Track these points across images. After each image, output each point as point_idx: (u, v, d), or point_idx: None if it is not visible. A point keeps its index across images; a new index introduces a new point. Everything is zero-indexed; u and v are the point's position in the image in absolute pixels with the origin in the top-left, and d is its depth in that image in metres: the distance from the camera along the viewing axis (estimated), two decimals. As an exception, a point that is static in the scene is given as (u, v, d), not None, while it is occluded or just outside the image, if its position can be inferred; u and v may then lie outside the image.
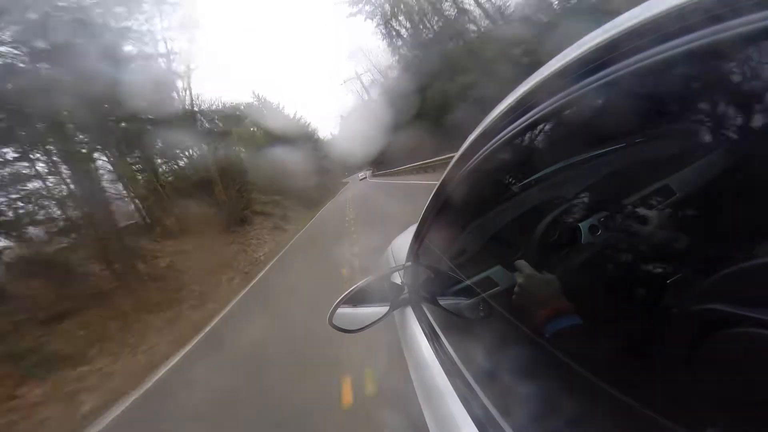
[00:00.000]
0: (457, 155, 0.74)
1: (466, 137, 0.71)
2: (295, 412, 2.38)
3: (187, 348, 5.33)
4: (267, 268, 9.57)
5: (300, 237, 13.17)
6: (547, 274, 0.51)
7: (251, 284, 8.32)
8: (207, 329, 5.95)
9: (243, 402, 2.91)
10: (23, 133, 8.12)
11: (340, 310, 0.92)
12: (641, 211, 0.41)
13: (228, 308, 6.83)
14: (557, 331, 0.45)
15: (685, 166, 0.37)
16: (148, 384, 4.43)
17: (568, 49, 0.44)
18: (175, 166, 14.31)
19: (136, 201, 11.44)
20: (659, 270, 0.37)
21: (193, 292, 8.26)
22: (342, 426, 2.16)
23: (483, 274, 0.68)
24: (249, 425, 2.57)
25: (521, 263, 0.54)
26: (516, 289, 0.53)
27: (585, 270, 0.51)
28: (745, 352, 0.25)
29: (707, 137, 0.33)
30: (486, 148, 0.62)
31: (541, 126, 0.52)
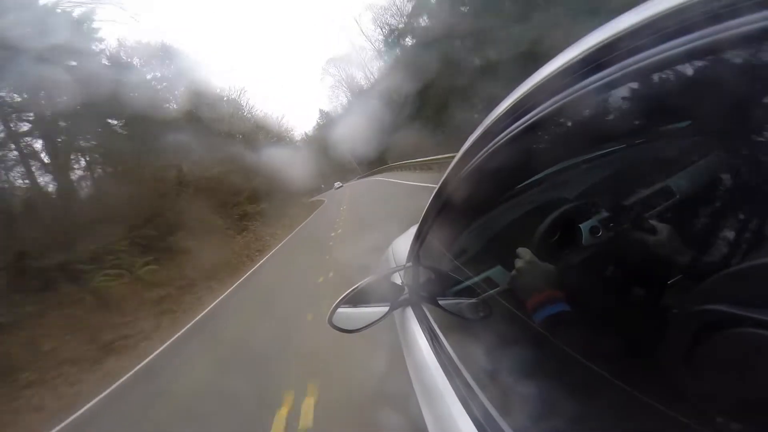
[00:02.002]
0: (457, 156, 0.74)
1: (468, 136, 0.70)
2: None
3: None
4: None
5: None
6: (545, 265, 0.52)
7: None
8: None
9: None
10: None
11: (340, 310, 0.92)
12: (642, 212, 0.41)
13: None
14: (547, 318, 0.46)
15: (685, 167, 0.37)
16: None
17: (569, 49, 0.44)
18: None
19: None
20: (659, 270, 0.37)
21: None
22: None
23: (483, 275, 0.68)
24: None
25: (523, 250, 0.54)
26: (513, 273, 0.54)
27: (585, 271, 0.50)
28: (745, 352, 0.25)
29: (707, 138, 0.33)
30: (486, 148, 0.62)
31: (541, 126, 0.52)
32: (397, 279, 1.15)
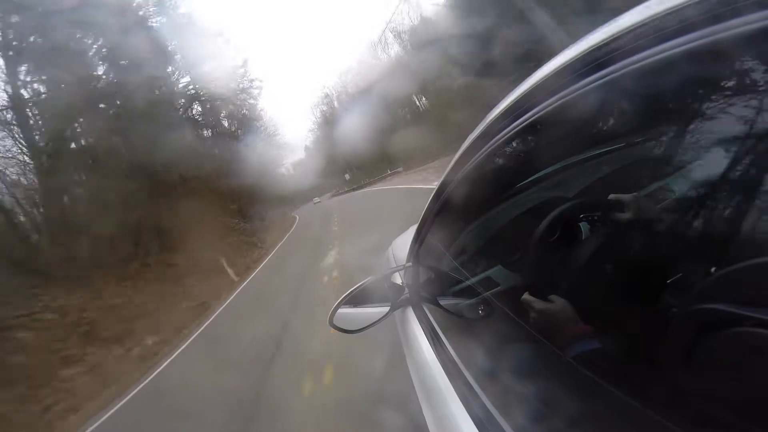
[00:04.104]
0: (457, 155, 0.74)
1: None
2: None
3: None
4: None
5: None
6: (556, 299, 0.49)
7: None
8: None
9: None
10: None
11: (340, 311, 0.92)
12: (641, 210, 0.41)
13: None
14: (576, 356, 0.43)
15: (685, 166, 0.37)
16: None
17: (568, 49, 0.44)
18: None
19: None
20: (659, 270, 0.37)
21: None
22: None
23: (483, 274, 0.68)
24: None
25: (527, 298, 0.52)
26: (531, 322, 0.51)
27: (583, 270, 0.50)
28: (745, 352, 0.25)
29: (707, 137, 0.33)
30: (486, 148, 0.62)
31: (540, 126, 0.52)
32: (397, 279, 1.15)
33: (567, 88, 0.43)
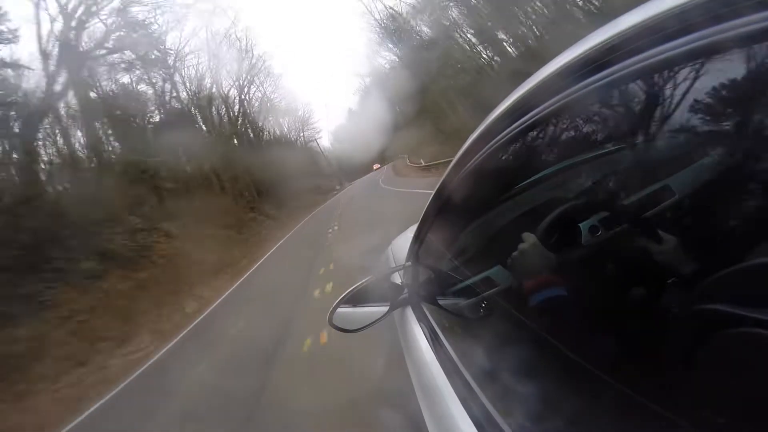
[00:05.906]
0: (457, 156, 0.74)
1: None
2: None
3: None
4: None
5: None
6: (527, 237, 0.50)
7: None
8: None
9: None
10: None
11: (340, 310, 0.92)
12: (642, 211, 0.41)
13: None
14: (543, 301, 0.45)
15: (685, 167, 0.37)
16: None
17: (569, 50, 0.44)
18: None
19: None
20: (659, 270, 0.37)
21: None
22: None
23: (483, 274, 0.68)
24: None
25: (528, 235, 0.52)
26: (515, 254, 0.52)
27: (585, 266, 0.50)
28: (745, 352, 0.25)
29: (707, 137, 0.33)
30: (486, 148, 0.62)
31: (541, 126, 0.52)
32: (397, 279, 1.15)
33: (568, 89, 0.43)
